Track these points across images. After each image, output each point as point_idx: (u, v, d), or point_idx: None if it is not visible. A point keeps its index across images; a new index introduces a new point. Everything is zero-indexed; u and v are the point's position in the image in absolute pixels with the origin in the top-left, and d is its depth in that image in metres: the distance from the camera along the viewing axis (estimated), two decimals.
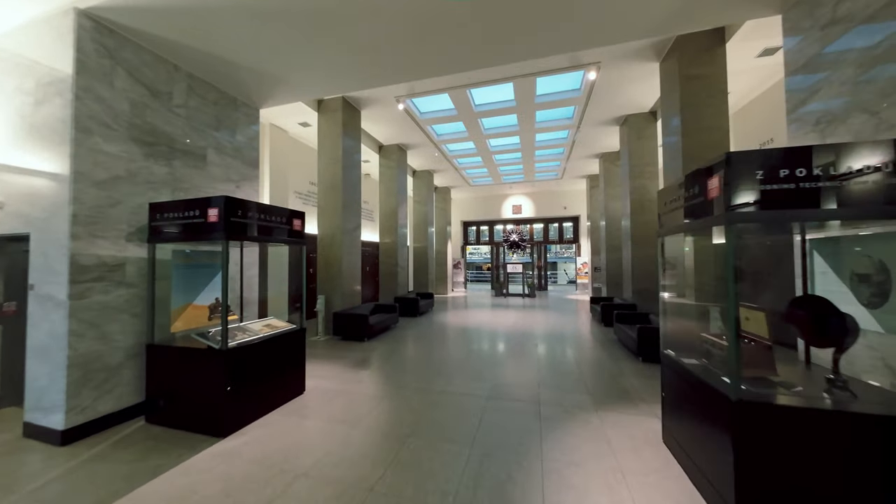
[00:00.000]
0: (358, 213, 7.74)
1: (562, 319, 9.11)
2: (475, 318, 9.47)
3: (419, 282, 12.97)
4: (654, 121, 8.13)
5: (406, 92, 7.08)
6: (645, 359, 5.19)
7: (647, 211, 8.11)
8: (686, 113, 5.29)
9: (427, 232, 13.00)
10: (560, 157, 11.87)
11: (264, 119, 7.67)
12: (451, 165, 12.42)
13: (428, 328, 7.90)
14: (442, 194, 15.86)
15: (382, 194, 10.18)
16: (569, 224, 18.22)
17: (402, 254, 10.32)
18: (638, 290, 8.07)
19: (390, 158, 10.13)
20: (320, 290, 7.10)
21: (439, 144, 10.24)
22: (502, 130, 9.39)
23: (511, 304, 12.63)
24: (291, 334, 3.84)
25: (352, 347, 6.16)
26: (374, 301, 11.25)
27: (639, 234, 8.13)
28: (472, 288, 19.91)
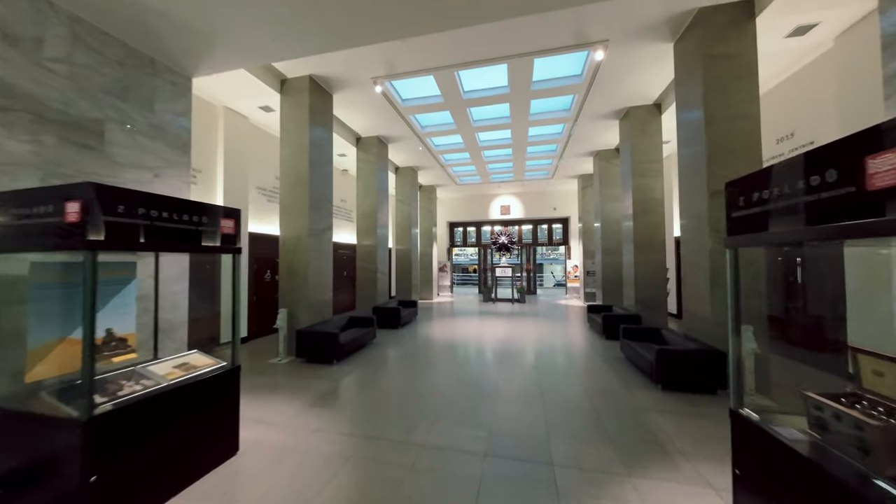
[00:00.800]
0: (329, 213, 6.70)
1: (557, 330, 8.32)
2: (463, 329, 8.56)
3: (402, 287, 11.98)
4: (657, 114, 7.44)
5: (384, 72, 6.10)
6: (665, 387, 4.39)
7: (652, 212, 7.40)
8: (711, 98, 4.54)
9: (411, 233, 12.02)
10: (552, 155, 11.13)
11: (217, 101, 6.53)
12: (437, 162, 11.49)
13: (410, 345, 6.93)
14: (427, 193, 14.91)
15: (360, 192, 9.14)
16: (558, 226, 17.60)
17: (383, 258, 9.31)
18: (641, 299, 7.36)
19: (369, 152, 9.11)
20: (283, 302, 6.03)
21: (424, 137, 9.29)
22: (493, 123, 8.53)
23: (500, 310, 11.80)
24: (216, 378, 2.81)
25: (317, 373, 5.13)
26: (352, 310, 10.17)
27: (642, 238, 7.42)
28: (459, 292, 19.04)
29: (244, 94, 6.29)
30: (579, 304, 13.35)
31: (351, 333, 6.37)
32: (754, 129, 4.44)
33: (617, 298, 10.25)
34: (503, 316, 10.56)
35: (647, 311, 7.29)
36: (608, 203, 10.43)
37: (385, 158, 9.59)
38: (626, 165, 7.92)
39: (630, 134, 7.60)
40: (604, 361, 5.67)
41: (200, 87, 6.05)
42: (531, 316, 10.56)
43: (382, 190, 9.35)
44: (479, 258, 18.69)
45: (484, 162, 11.66)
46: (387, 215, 9.71)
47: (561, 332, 8.03)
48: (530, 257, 17.87)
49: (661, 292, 7.30)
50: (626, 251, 7.92)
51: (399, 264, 12.05)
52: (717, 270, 4.46)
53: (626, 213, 7.94)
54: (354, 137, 9.04)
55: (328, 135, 6.68)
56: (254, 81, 5.84)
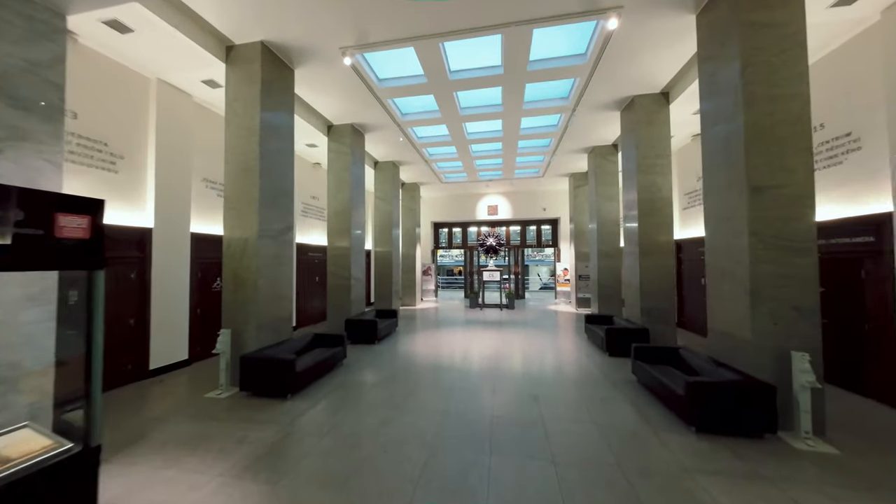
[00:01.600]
0: (289, 210, 5.60)
1: (554, 344, 7.46)
2: (448, 343, 7.58)
3: (382, 293, 10.89)
4: (665, 104, 6.69)
5: (354, 41, 5.06)
6: (700, 428, 3.54)
7: (659, 213, 6.64)
8: (751, 75, 3.74)
9: (391, 234, 10.96)
10: (545, 151, 10.32)
11: (149, 71, 5.31)
12: (421, 157, 10.47)
13: (386, 367, 5.89)
14: (410, 192, 13.87)
15: (332, 187, 8.02)
16: (547, 227, 16.91)
17: (358, 262, 8.22)
18: (647, 310, 6.58)
19: (341, 142, 8.01)
20: (226, 321, 4.89)
21: (404, 127, 8.26)
22: (483, 112, 7.60)
23: (488, 318, 10.89)
24: (49, 473, 1.72)
25: (264, 413, 4.04)
26: (324, 321, 9.01)
27: (649, 241, 6.64)
28: (444, 296, 18.07)
29: (182, 63, 5.11)
30: (571, 310, 12.61)
31: (314, 356, 5.28)
32: (803, 111, 3.66)
33: (614, 306, 9.51)
34: (492, 325, 9.65)
35: (654, 323, 6.52)
36: (605, 203, 9.69)
37: (361, 150, 8.51)
38: (628, 161, 7.14)
39: (635, 126, 6.82)
40: (614, 387, 4.81)
41: (123, 53, 4.84)
42: (522, 325, 9.69)
43: (358, 185, 8.26)
44: (464, 261, 17.78)
45: (472, 157, 10.73)
46: (363, 214, 8.63)
47: (558, 347, 7.16)
48: (518, 260, 17.10)
49: (669, 302, 6.54)
50: (629, 255, 7.14)
51: (379, 268, 10.97)
52: (761, 283, 3.65)
53: (628, 213, 7.16)
54: (325, 125, 7.92)
55: (288, 117, 5.57)
56: (193, 49, 4.70)
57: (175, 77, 5.48)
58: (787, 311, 3.59)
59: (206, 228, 6.31)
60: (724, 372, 3.84)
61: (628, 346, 6.20)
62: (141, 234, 5.18)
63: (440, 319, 10.71)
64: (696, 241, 8.29)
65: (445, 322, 10.22)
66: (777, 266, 3.62)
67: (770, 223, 3.65)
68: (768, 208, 3.66)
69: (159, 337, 5.30)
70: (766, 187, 3.67)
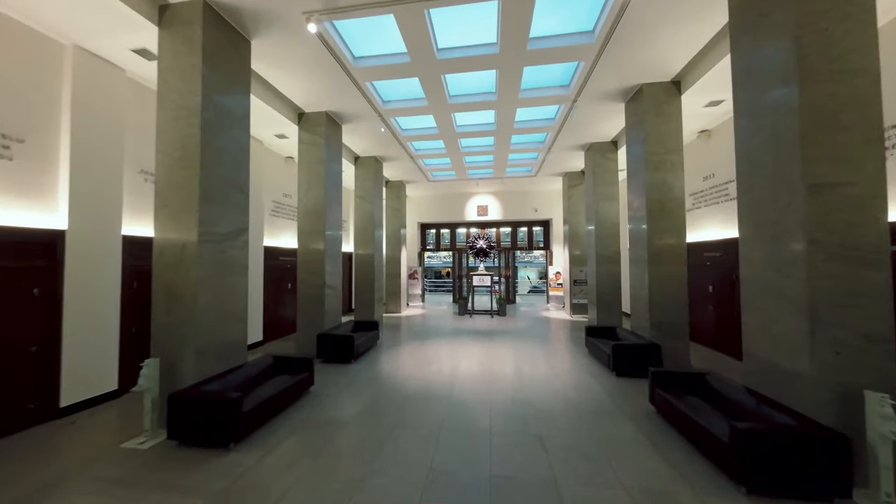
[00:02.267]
0: (243, 209, 4.65)
1: (553, 361, 6.71)
2: (434, 362, 6.73)
3: (363, 301, 9.95)
4: (676, 94, 6.02)
5: (322, 4, 4.16)
6: (753, 489, 2.80)
7: (671, 215, 5.96)
8: (807, 47, 3.04)
9: (374, 235, 10.03)
10: (540, 147, 9.59)
11: (63, 36, 4.27)
12: (406, 152, 9.59)
13: (361, 396, 5.00)
14: (395, 190, 12.96)
15: (303, 183, 7.06)
16: (539, 228, 16.27)
17: (334, 268, 7.28)
18: (658, 324, 5.89)
19: (315, 132, 7.05)
20: (156, 348, 3.91)
21: (386, 116, 7.37)
22: (475, 100, 6.78)
23: (478, 327, 10.09)
24: None
25: (192, 475, 3.10)
26: (292, 334, 8.02)
27: (660, 247, 5.96)
28: (431, 301, 17.21)
29: (106, 26, 4.10)
30: (565, 316, 11.95)
31: (272, 387, 4.35)
32: (872, 91, 2.97)
33: (614, 315, 8.85)
34: (483, 336, 8.85)
35: (665, 338, 5.83)
36: (604, 204, 9.03)
37: (337, 142, 7.57)
38: (634, 158, 6.45)
39: (642, 118, 6.13)
40: (632, 422, 4.05)
41: (26, 12, 3.81)
42: (516, 336, 8.92)
43: (334, 181, 7.32)
44: (453, 264, 16.97)
45: (461, 153, 9.92)
46: (340, 214, 7.69)
47: (558, 364, 6.40)
48: (509, 262, 16.39)
49: (682, 316, 5.86)
50: (636, 262, 6.45)
51: (360, 272, 10.02)
52: (821, 302, 2.94)
53: (634, 215, 6.47)
54: (295, 112, 6.95)
55: (242, 97, 4.62)
56: (118, 7, 3.71)
57: (98, 45, 4.45)
58: (854, 339, 2.89)
59: (142, 231, 5.26)
60: (773, 413, 3.13)
61: (638, 365, 5.51)
62: (49, 238, 4.13)
63: (426, 329, 9.84)
64: (701, 246, 7.68)
65: (432, 332, 9.36)
66: (841, 281, 2.92)
67: (833, 229, 2.95)
68: (830, 211, 2.96)
69: (75, 365, 4.26)
70: (828, 185, 2.97)
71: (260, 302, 7.79)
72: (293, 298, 8.95)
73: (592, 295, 9.29)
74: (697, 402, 3.90)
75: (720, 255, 7.22)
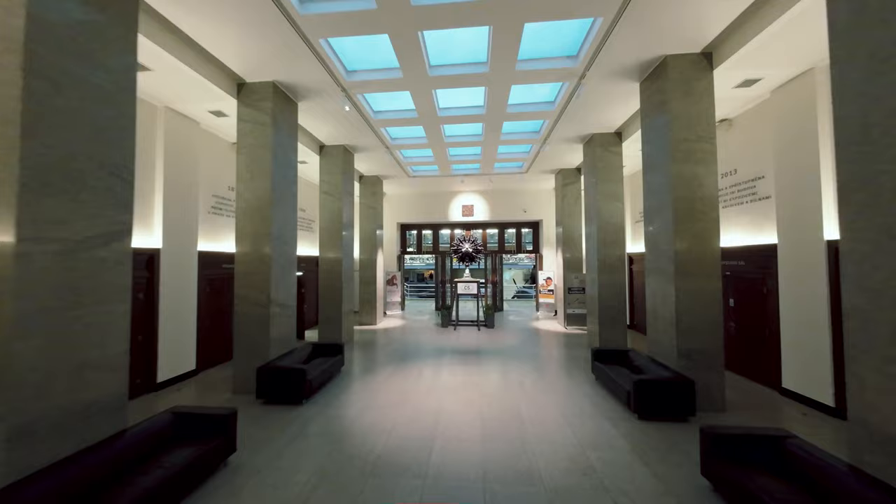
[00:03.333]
0: (123, 202, 3.15)
1: (558, 399, 5.49)
2: (409, 402, 5.38)
3: (329, 315, 8.47)
4: (708, 69, 4.91)
5: None
6: None
7: (703, 217, 4.84)
8: None
9: (342, 237, 8.57)
10: (535, 139, 8.41)
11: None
12: (378, 139, 8.19)
13: (303, 471, 3.57)
14: (370, 187, 11.51)
15: (242, 171, 5.56)
16: (528, 230, 15.18)
17: (284, 280, 5.81)
18: (687, 351, 4.76)
19: (259, 108, 5.56)
20: None
21: (352, 91, 5.96)
22: (462, 72, 5.48)
23: (464, 343, 8.81)
24: None
25: None
26: (227, 362, 6.34)
27: (689, 256, 4.83)
28: (412, 309, 15.81)
29: None
30: (559, 327, 10.83)
31: (154, 475, 2.88)
32: None
33: (618, 331, 7.75)
34: (469, 357, 7.56)
35: (697, 369, 4.71)
36: (607, 203, 7.92)
37: (290, 123, 6.10)
38: (654, 147, 5.32)
39: (666, 97, 5.00)
40: None
41: None
42: (508, 357, 7.68)
43: (285, 170, 5.85)
44: (436, 268, 15.65)
45: (444, 143, 8.60)
46: (295, 211, 6.22)
47: (565, 402, 5.18)
48: (496, 266, 15.20)
49: (716, 342, 4.74)
50: (656, 275, 5.32)
51: (325, 281, 8.53)
52: None
53: (654, 216, 5.34)
54: (232, 81, 5.45)
55: (118, 22, 3.13)
56: None
57: None
58: None
59: None
60: None
61: (666, 405, 4.35)
62: None
63: (404, 347, 8.46)
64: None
65: (410, 352, 7.98)
66: None
67: None
68: None
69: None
70: None
71: (192, 320, 6.21)
72: None
73: (593, 307, 8.17)
74: (776, 485, 2.72)
75: (743, 265, 6.21)
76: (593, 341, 8.16)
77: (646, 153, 5.57)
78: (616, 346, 7.50)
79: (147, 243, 5.45)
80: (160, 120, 5.68)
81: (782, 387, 5.32)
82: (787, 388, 5.26)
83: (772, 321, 5.57)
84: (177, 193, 5.87)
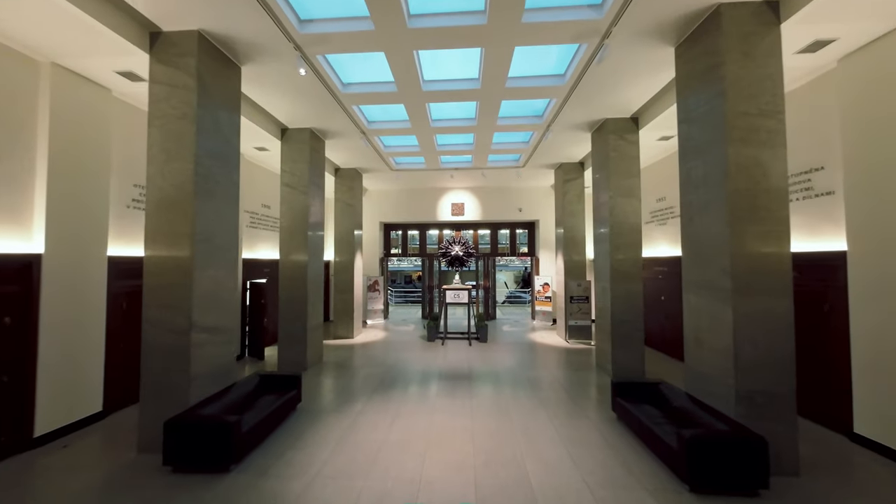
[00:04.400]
0: None
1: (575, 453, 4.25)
2: (381, 460, 4.06)
3: (290, 331, 7.04)
4: (775, 23, 3.75)
5: None
6: None
7: (767, 214, 3.67)
8: None
9: (306, 238, 7.17)
10: (537, 124, 7.19)
11: None
12: (353, 123, 6.83)
13: None
14: (347, 181, 10.12)
15: (154, 151, 4.12)
16: (523, 231, 14.04)
17: (218, 295, 4.40)
18: (749, 394, 3.57)
19: (177, 65, 4.14)
20: None
21: (307, 48, 4.60)
22: (453, 24, 4.19)
23: (453, 364, 7.53)
24: None
25: None
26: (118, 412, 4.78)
27: (751, 266, 3.64)
28: (397, 316, 14.44)
29: None
30: (560, 341, 9.65)
31: None
32: None
33: (635, 350, 6.59)
34: (460, 385, 6.27)
35: (762, 418, 3.53)
36: (621, 201, 6.75)
37: (227, 88, 4.69)
38: (701, 125, 4.14)
39: (721, 58, 3.81)
40: None
41: None
42: (504, 383, 6.42)
43: (219, 149, 4.45)
44: (423, 272, 14.34)
45: (431, 130, 7.30)
46: (236, 204, 4.81)
47: (585, 462, 3.93)
48: (488, 270, 13.98)
49: (787, 381, 3.57)
50: (697, 289, 4.13)
51: (287, 291, 7.10)
52: None
53: (698, 215, 4.15)
54: (145, 30, 4.03)
55: None
56: None
57: None
58: None
59: None
60: None
61: (730, 472, 3.16)
62: None
63: (381, 372, 7.11)
64: None
65: (388, 378, 6.64)
66: None
67: None
68: None
69: None
70: None
71: (99, 346, 4.75)
72: None
73: (604, 321, 6.99)
74: None
75: (796, 276, 5.08)
76: (603, 361, 6.99)
77: (685, 135, 4.38)
78: (637, 374, 6.38)
79: (16, 247, 3.96)
80: (44, 79, 4.20)
81: (853, 432, 4.21)
82: (859, 434, 4.15)
83: (837, 346, 4.46)
84: (72, 180, 4.40)
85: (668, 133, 6.80)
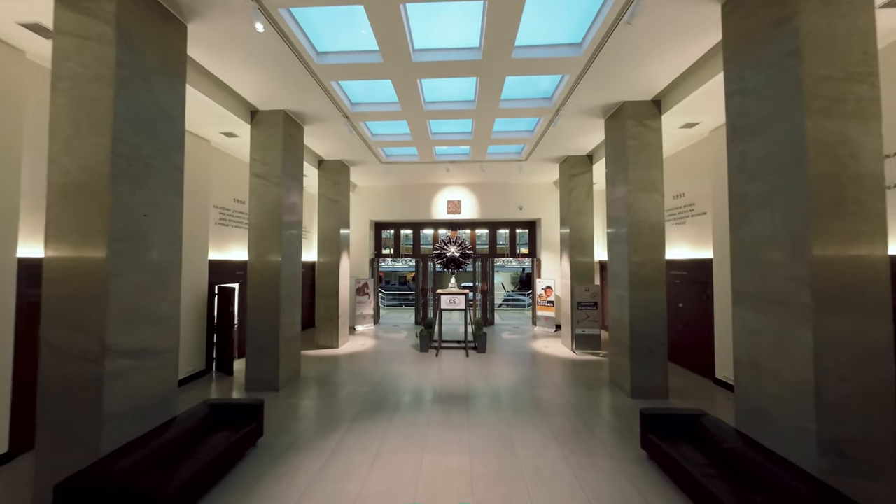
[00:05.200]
0: None
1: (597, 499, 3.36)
2: None
3: (261, 345, 6.08)
4: None
5: None
6: None
7: (856, 209, 2.81)
8: None
9: (279, 237, 6.22)
10: (545, 109, 6.31)
11: None
12: (335, 105, 5.90)
13: None
14: (332, 174, 9.17)
15: (57, 125, 3.17)
16: (523, 230, 13.18)
17: (149, 309, 3.47)
18: (836, 444, 2.71)
19: (90, 11, 3.19)
20: None
21: (269, 2, 3.67)
22: None
23: (448, 380, 6.63)
24: None
25: None
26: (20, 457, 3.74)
27: (837, 275, 2.78)
28: (388, 321, 13.49)
29: None
30: (566, 351, 8.79)
31: None
32: None
33: (657, 367, 5.74)
34: (456, 409, 5.37)
35: (854, 474, 2.68)
36: (641, 196, 5.89)
37: (163, 45, 3.74)
38: (764, 95, 3.28)
39: (795, 7, 2.95)
40: None
41: None
42: (507, 407, 5.54)
43: (151, 120, 3.51)
44: (417, 275, 13.43)
45: (425, 113, 6.39)
46: (180, 193, 3.86)
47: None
48: (486, 273, 13.10)
49: (884, 425, 2.73)
50: (755, 303, 3.28)
51: (256, 299, 6.14)
52: None
53: (754, 209, 3.29)
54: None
55: None
56: None
57: None
58: None
59: None
60: None
61: None
62: None
63: (365, 391, 6.18)
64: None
65: (371, 401, 5.71)
66: None
67: None
68: None
69: None
70: None
71: (7, 372, 3.78)
72: None
73: (621, 333, 6.13)
74: None
75: None
76: (618, 377, 6.14)
77: (736, 110, 3.51)
78: (660, 395, 5.57)
79: None
80: None
81: None
82: None
83: None
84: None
85: (696, 118, 5.96)
